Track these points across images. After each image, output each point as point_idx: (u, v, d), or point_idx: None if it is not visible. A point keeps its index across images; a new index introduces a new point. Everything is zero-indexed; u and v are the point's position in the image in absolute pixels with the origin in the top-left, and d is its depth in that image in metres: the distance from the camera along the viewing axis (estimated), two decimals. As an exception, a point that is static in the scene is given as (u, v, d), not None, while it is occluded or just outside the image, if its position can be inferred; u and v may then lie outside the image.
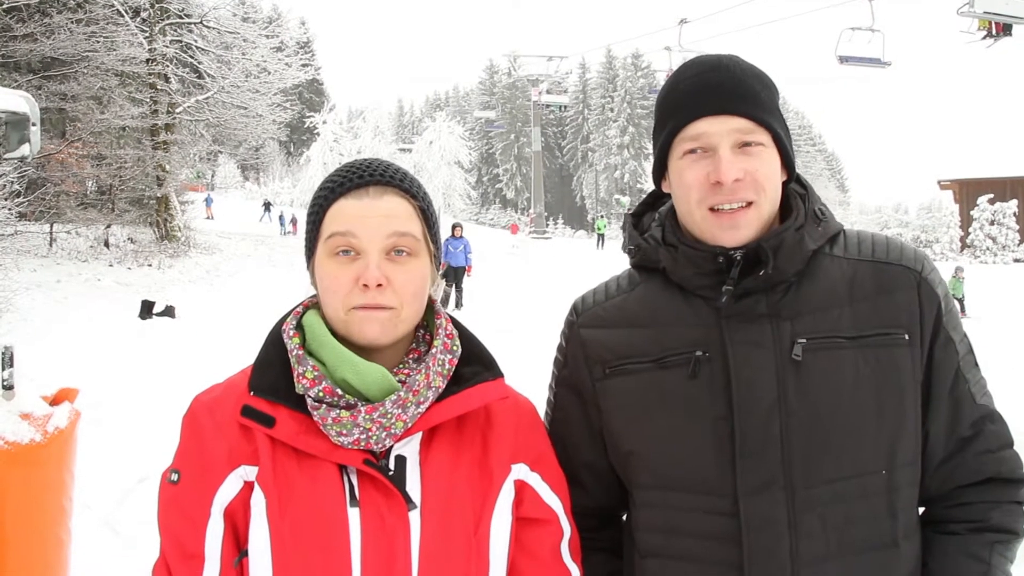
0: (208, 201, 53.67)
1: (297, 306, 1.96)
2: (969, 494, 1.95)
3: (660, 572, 2.00)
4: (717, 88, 1.89)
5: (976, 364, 2.00)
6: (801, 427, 1.85)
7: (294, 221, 51.51)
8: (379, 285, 1.78)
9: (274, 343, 1.89)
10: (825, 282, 1.93)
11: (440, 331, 1.92)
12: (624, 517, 2.19)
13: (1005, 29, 30.54)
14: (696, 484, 1.92)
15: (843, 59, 35.97)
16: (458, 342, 1.94)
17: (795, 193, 2.01)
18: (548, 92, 71.16)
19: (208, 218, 49.51)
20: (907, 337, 1.89)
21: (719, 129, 1.87)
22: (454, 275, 23.12)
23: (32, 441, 3.60)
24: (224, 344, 13.69)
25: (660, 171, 2.04)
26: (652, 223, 2.14)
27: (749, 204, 1.87)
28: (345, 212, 1.82)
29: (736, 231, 1.88)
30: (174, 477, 1.84)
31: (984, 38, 30.94)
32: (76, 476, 3.91)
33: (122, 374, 12.17)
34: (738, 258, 1.89)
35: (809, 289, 1.92)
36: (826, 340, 1.88)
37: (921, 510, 2.00)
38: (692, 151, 1.90)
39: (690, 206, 1.92)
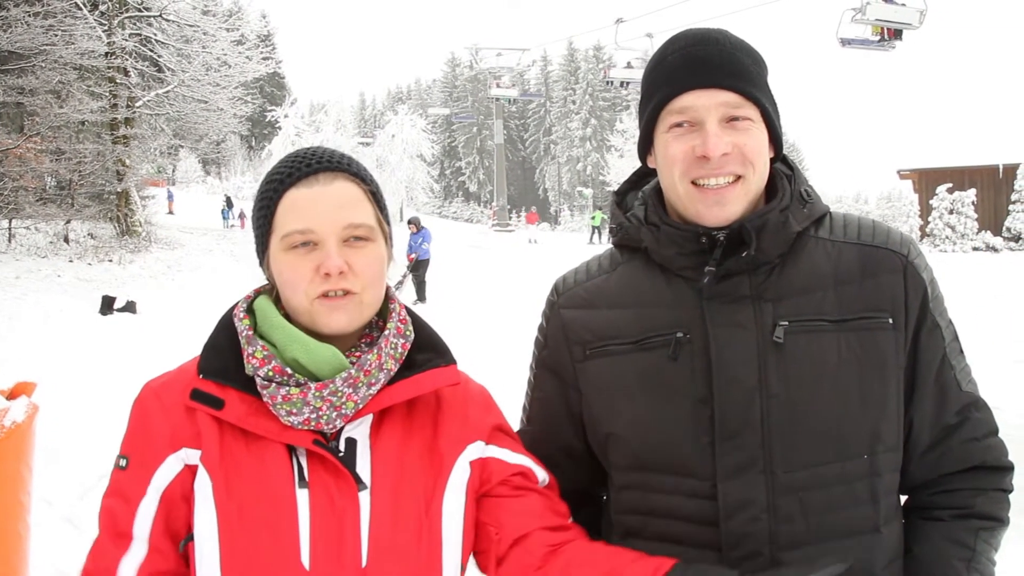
0: (169, 196, 52.99)
1: (248, 292, 1.95)
2: (955, 481, 1.95)
3: None
4: (706, 61, 1.85)
5: (961, 351, 1.99)
6: (781, 410, 1.83)
7: (242, 215, 50.67)
8: (341, 272, 1.77)
9: (224, 327, 1.88)
10: (809, 264, 1.90)
11: (393, 315, 1.92)
12: (604, 497, 2.17)
13: (896, 34, 34.49)
14: (675, 466, 1.90)
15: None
16: (411, 327, 1.94)
17: (781, 174, 1.99)
18: (499, 86, 71.26)
19: (169, 213, 48.92)
20: (891, 321, 1.87)
21: (706, 103, 1.83)
22: (415, 268, 23.11)
23: (-12, 436, 3.54)
24: (186, 339, 13.50)
25: (646, 146, 2.01)
26: (636, 202, 2.11)
27: (737, 179, 1.85)
28: (298, 204, 1.80)
29: (722, 208, 1.85)
30: (122, 463, 1.83)
31: (879, 41, 34.86)
32: (36, 471, 3.85)
33: (83, 370, 12.04)
34: (721, 239, 1.86)
35: (793, 271, 1.90)
36: (809, 323, 1.86)
37: (904, 497, 1.99)
38: (679, 125, 1.87)
39: (674, 180, 1.89)
